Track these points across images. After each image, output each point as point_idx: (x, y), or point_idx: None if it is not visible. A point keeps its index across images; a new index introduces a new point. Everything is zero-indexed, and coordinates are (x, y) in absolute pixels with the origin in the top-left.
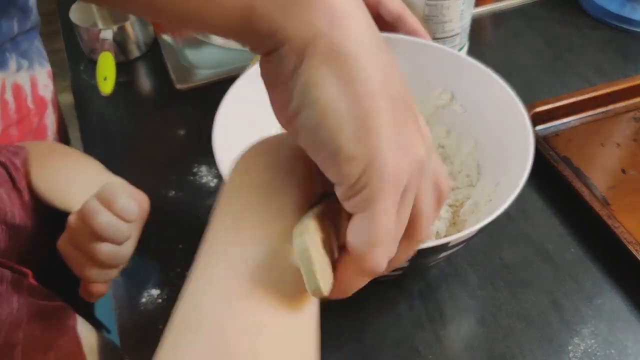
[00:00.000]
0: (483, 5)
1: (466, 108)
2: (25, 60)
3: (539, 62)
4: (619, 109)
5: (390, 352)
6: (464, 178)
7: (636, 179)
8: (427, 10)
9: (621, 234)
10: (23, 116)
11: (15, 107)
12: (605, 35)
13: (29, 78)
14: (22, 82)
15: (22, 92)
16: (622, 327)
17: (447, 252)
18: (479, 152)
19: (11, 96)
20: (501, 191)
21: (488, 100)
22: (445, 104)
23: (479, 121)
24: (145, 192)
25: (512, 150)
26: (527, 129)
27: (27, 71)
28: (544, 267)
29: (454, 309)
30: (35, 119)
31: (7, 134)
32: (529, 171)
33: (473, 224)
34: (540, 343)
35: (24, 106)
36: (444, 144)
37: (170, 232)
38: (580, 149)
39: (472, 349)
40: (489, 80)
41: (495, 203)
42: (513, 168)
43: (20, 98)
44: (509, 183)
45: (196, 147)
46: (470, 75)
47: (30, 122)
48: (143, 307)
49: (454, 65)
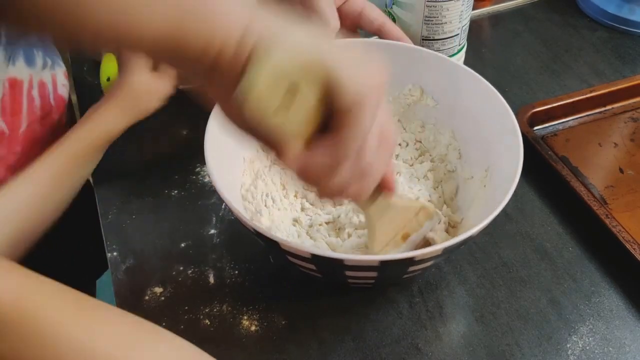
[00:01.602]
0: (482, 7)
1: (438, 101)
2: (49, 58)
3: (538, 63)
4: (616, 109)
5: (390, 349)
6: (448, 171)
7: (634, 179)
8: (427, 12)
9: (619, 232)
10: (46, 113)
11: (40, 104)
12: (603, 36)
13: (50, 76)
14: (46, 79)
15: (45, 89)
16: (620, 325)
17: (441, 258)
18: (458, 141)
19: (37, 93)
20: (494, 177)
21: (460, 90)
22: (417, 100)
23: (453, 111)
24: (148, 191)
25: (495, 133)
26: (506, 108)
27: (50, 69)
28: (543, 265)
29: (454, 307)
30: (56, 117)
31: (32, 129)
32: (521, 163)
33: (472, 219)
34: (539, 341)
35: (47, 103)
36: (420, 139)
37: (173, 230)
38: (578, 148)
39: (472, 347)
40: (458, 70)
41: (490, 189)
42: (502, 152)
43: (44, 95)
44: (501, 168)
45: (199, 147)
46: (438, 68)
47: (53, 119)
48: (146, 305)
49: (420, 61)
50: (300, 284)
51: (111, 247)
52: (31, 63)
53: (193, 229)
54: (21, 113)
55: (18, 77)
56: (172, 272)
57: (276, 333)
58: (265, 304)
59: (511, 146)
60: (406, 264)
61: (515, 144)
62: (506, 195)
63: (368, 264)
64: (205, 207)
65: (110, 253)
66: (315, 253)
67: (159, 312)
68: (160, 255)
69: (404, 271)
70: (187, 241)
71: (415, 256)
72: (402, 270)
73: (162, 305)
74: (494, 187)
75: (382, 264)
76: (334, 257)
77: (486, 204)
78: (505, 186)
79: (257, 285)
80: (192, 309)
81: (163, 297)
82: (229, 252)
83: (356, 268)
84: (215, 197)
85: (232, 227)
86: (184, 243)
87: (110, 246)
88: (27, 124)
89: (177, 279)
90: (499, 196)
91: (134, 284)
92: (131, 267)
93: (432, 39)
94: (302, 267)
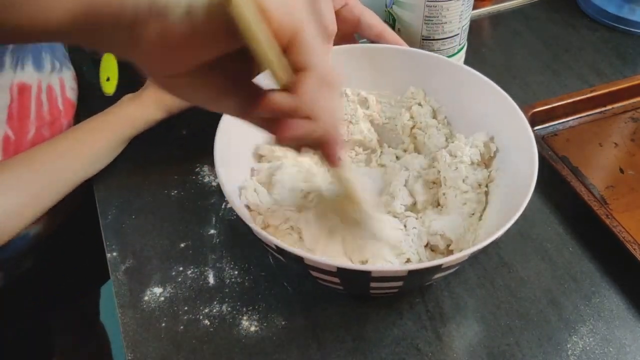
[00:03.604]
0: (482, 7)
1: (443, 103)
2: (57, 61)
3: (538, 62)
4: (617, 109)
5: (390, 349)
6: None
7: (634, 179)
8: (427, 11)
9: (619, 233)
10: (55, 118)
11: (48, 108)
12: (603, 36)
13: (58, 80)
14: (53, 83)
15: (53, 93)
16: (620, 326)
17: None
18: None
19: (45, 97)
20: (506, 179)
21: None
22: (420, 102)
23: (462, 116)
24: (148, 191)
25: (505, 138)
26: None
27: (58, 73)
28: (543, 265)
29: (454, 307)
30: (65, 121)
31: (40, 134)
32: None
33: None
34: (539, 341)
35: (55, 107)
36: (426, 142)
37: (173, 230)
38: (578, 148)
39: (472, 347)
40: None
41: (504, 191)
42: (514, 154)
43: (52, 99)
44: (514, 170)
45: (198, 147)
46: (438, 69)
47: (61, 123)
48: (145, 305)
49: (425, 66)
50: (300, 284)
51: (111, 247)
52: (40, 67)
53: (193, 229)
54: (29, 118)
55: (27, 82)
56: (171, 272)
57: (276, 333)
58: (265, 304)
59: (523, 146)
60: (432, 271)
61: (528, 146)
62: (525, 198)
63: (395, 274)
64: (205, 207)
65: (110, 253)
66: (341, 266)
67: (158, 312)
68: (160, 255)
69: (429, 279)
70: (186, 241)
71: (443, 263)
72: (427, 277)
73: (162, 306)
74: (508, 190)
75: (410, 274)
76: (359, 269)
77: (501, 207)
78: (520, 189)
79: (257, 285)
80: (192, 309)
81: (163, 297)
82: (228, 252)
83: (382, 279)
84: (215, 197)
85: (232, 227)
86: (184, 243)
87: (109, 246)
88: (36, 128)
89: (177, 279)
90: (515, 199)
91: (134, 284)
92: (131, 267)
93: (432, 39)
94: (324, 280)
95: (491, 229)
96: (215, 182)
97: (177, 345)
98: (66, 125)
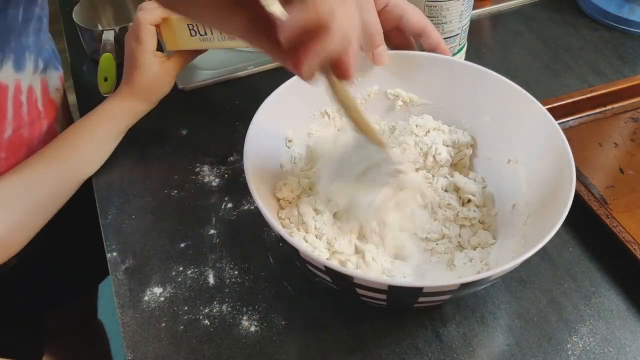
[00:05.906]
0: (482, 7)
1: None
2: (42, 62)
3: (538, 62)
4: (616, 109)
5: (390, 349)
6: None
7: (634, 179)
8: (427, 11)
9: (619, 233)
10: (34, 119)
11: (27, 109)
12: (603, 36)
13: (40, 81)
14: (34, 84)
15: (33, 94)
16: (620, 326)
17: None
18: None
19: (25, 98)
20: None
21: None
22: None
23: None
24: (148, 191)
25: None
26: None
27: (41, 74)
28: (543, 265)
29: (454, 307)
30: (45, 122)
31: (19, 134)
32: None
33: None
34: (539, 341)
35: (34, 108)
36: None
37: (172, 230)
38: (578, 148)
39: (471, 347)
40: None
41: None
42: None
43: (32, 100)
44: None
45: (198, 147)
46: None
47: (41, 124)
48: (145, 305)
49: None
50: (300, 284)
51: (111, 247)
52: (20, 68)
53: (193, 229)
54: (6, 118)
55: (3, 82)
56: (171, 272)
57: (276, 333)
58: (265, 304)
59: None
60: (480, 283)
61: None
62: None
63: (446, 289)
64: (205, 207)
65: (110, 253)
66: (393, 284)
67: (158, 312)
68: (160, 255)
69: (415, 300)
70: (186, 241)
71: (492, 275)
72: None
73: (162, 305)
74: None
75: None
76: (411, 286)
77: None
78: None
79: (257, 285)
80: (192, 309)
81: (163, 297)
82: (228, 252)
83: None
84: (215, 197)
85: (232, 227)
86: (184, 243)
87: (109, 246)
88: (13, 129)
89: (177, 279)
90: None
91: (134, 284)
92: (131, 267)
93: None
94: (367, 296)
95: None
96: (215, 182)
97: (177, 345)
98: (47, 126)
